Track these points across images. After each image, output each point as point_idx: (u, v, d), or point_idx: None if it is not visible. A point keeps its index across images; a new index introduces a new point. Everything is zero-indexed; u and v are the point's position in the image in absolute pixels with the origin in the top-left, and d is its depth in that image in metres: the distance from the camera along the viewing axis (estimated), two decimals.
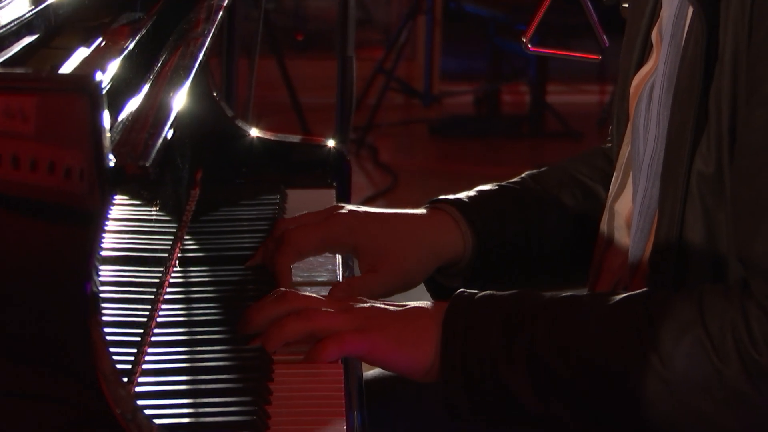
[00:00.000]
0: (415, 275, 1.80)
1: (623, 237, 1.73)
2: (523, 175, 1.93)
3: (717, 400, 1.44)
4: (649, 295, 1.52)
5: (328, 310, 1.56)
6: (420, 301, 1.61)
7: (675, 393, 1.45)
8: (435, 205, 1.85)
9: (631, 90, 1.75)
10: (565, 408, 1.51)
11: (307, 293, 1.64)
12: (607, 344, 1.50)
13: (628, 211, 1.72)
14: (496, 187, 1.90)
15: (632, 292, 1.54)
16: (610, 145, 1.92)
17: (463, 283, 1.81)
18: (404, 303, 1.60)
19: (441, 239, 1.82)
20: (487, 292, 1.56)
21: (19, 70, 1.33)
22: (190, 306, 1.72)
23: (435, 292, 1.86)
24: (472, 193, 1.87)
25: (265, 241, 1.82)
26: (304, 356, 1.53)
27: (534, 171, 1.94)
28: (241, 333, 1.57)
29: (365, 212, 1.82)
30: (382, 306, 1.58)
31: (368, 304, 1.58)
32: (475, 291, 1.56)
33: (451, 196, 1.86)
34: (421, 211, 1.85)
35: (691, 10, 1.55)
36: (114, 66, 1.45)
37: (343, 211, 1.81)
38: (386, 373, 1.80)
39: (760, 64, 1.45)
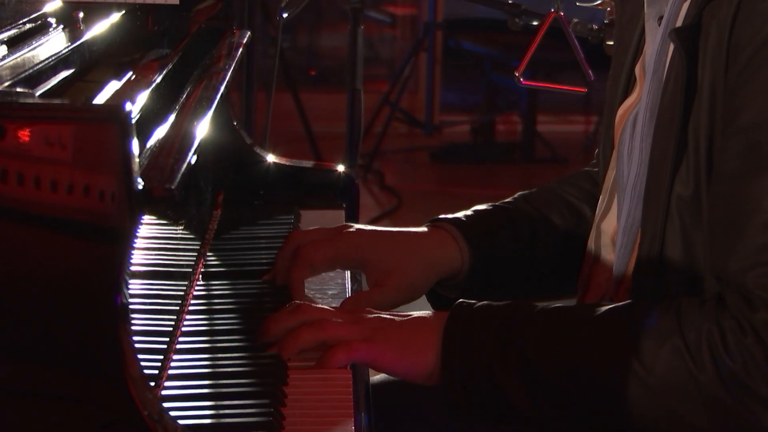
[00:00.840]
0: (417, 289, 1.80)
1: (609, 253, 1.73)
2: (515, 196, 1.93)
3: (695, 404, 1.43)
4: (632, 307, 1.52)
5: (339, 320, 1.56)
6: (421, 310, 1.61)
7: (656, 397, 1.45)
8: (435, 224, 1.85)
9: (617, 119, 1.75)
10: (554, 409, 1.50)
11: (320, 305, 1.64)
12: (593, 352, 1.49)
13: (613, 230, 1.72)
14: (491, 207, 1.89)
15: (616, 304, 1.54)
16: (596, 168, 1.92)
17: (461, 294, 1.80)
18: (408, 313, 1.60)
19: (441, 255, 1.81)
20: (484, 302, 1.56)
21: (56, 101, 1.33)
22: (211, 316, 1.71)
23: (434, 302, 1.86)
24: (468, 212, 1.87)
25: (279, 253, 1.80)
26: (315, 362, 1.53)
27: (525, 192, 1.94)
28: (259, 341, 1.57)
29: (372, 231, 1.82)
30: (388, 317, 1.58)
31: (375, 315, 1.58)
32: (474, 302, 1.56)
33: (450, 216, 1.85)
34: (423, 229, 1.84)
35: (672, 47, 1.55)
36: (143, 97, 1.45)
37: (351, 229, 1.80)
38: (391, 378, 1.79)
39: (735, 98, 1.44)
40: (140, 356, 1.21)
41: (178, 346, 1.56)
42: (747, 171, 1.43)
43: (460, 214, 1.86)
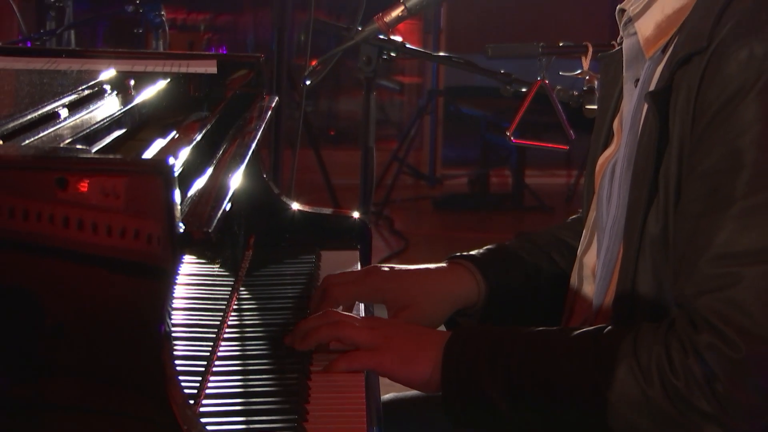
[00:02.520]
0: (435, 321, 1.79)
1: (589, 284, 1.73)
2: (520, 237, 1.93)
3: (646, 417, 1.43)
4: (600, 330, 1.52)
5: (356, 324, 1.57)
6: None
7: (615, 409, 1.44)
8: (455, 260, 1.85)
9: (597, 168, 1.75)
10: (534, 416, 1.51)
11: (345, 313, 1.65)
12: (565, 367, 1.49)
13: (593, 263, 1.71)
14: (502, 246, 1.90)
15: (587, 328, 1.54)
16: (581, 215, 1.92)
17: (477, 322, 1.83)
18: (417, 326, 1.62)
19: (460, 288, 1.81)
20: (482, 325, 1.56)
21: (110, 157, 1.33)
22: (243, 343, 1.71)
23: (452, 327, 1.85)
24: (482, 251, 1.87)
25: (314, 293, 1.81)
26: (323, 367, 1.54)
27: (529, 234, 1.94)
28: (287, 341, 1.59)
29: (394, 272, 1.81)
30: (399, 328, 1.58)
31: (388, 325, 1.59)
32: (470, 326, 1.57)
33: (466, 254, 1.86)
34: (442, 265, 1.84)
35: (646, 106, 1.55)
36: (185, 153, 1.45)
37: (376, 273, 1.81)
38: (400, 395, 1.79)
39: (699, 148, 1.44)
40: (181, 378, 1.20)
41: (215, 369, 1.56)
42: (704, 211, 1.43)
43: (474, 252, 1.86)
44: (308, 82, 2.92)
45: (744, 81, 1.39)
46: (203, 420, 1.29)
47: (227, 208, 1.47)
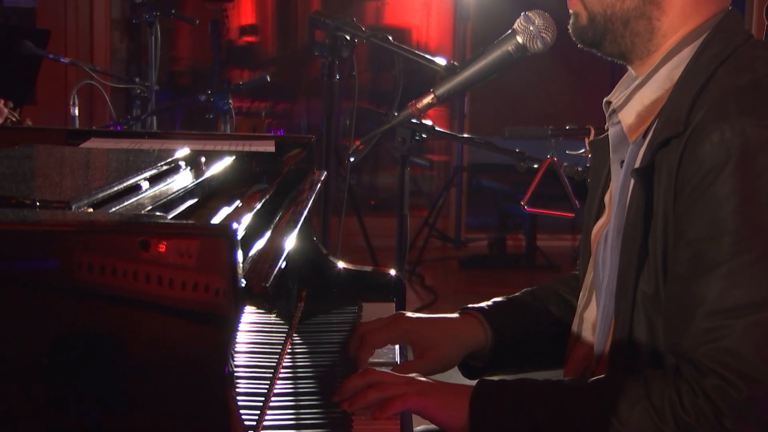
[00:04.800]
0: (450, 361, 1.78)
1: (589, 336, 1.71)
2: (523, 291, 1.92)
3: None
4: (611, 379, 1.50)
5: (396, 382, 1.54)
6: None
7: None
8: (465, 311, 1.84)
9: (592, 236, 1.74)
10: None
11: (381, 370, 1.63)
12: (583, 414, 1.46)
13: (593, 318, 1.70)
14: (506, 299, 1.89)
15: (599, 377, 1.52)
16: (576, 272, 1.91)
17: (485, 365, 1.82)
18: (444, 382, 1.59)
19: (470, 335, 1.80)
20: (501, 378, 1.54)
21: (184, 222, 1.34)
22: (296, 382, 1.70)
23: (463, 369, 1.85)
24: (489, 303, 1.86)
25: (351, 337, 1.79)
26: (376, 409, 1.50)
27: (530, 288, 1.93)
28: (334, 400, 1.55)
29: (418, 318, 1.81)
30: (433, 381, 1.57)
31: (424, 379, 1.57)
32: (493, 378, 1.55)
33: (476, 305, 1.85)
34: (455, 315, 1.84)
35: (632, 182, 1.55)
36: (246, 219, 1.46)
37: (403, 317, 1.80)
38: (431, 427, 1.77)
39: (683, 220, 1.44)
40: (242, 411, 1.19)
41: (271, 404, 1.55)
42: (693, 274, 1.42)
43: (483, 304, 1.85)
44: (352, 159, 2.93)
45: (717, 159, 1.39)
46: None
47: (283, 266, 1.47)
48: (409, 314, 1.81)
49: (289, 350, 1.82)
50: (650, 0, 1.56)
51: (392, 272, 2.24)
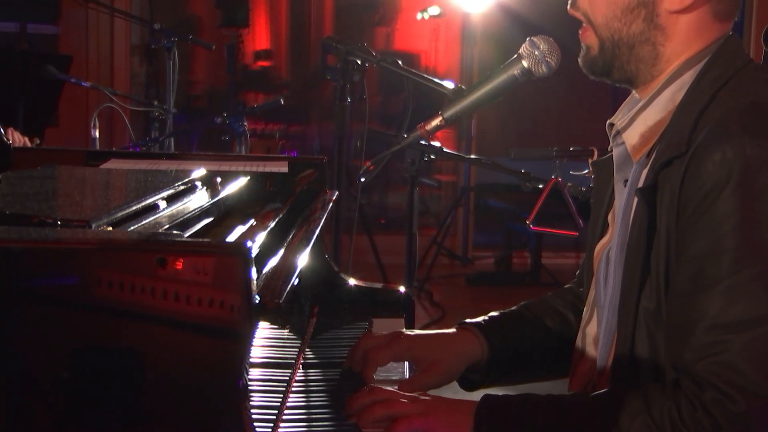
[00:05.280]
0: (452, 374, 1.77)
1: (592, 351, 1.70)
2: (519, 305, 1.91)
3: None
4: (612, 393, 1.49)
5: (402, 399, 1.54)
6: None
7: None
8: (462, 326, 1.83)
9: (595, 254, 1.73)
10: None
11: (387, 388, 1.62)
12: (585, 427, 1.45)
13: (594, 333, 1.69)
14: (502, 314, 1.88)
15: (601, 391, 1.51)
16: (576, 285, 1.92)
17: (483, 377, 1.81)
18: (448, 398, 1.59)
19: (467, 349, 1.79)
20: (504, 394, 1.53)
21: (200, 240, 1.34)
22: (308, 395, 1.69)
23: (462, 382, 1.83)
24: (486, 317, 1.86)
25: (353, 348, 1.78)
26: (384, 430, 1.49)
27: (526, 302, 1.92)
28: (343, 413, 1.55)
29: (418, 335, 1.80)
30: (438, 398, 1.56)
31: (428, 397, 1.56)
32: (497, 394, 1.54)
33: (472, 320, 1.84)
34: (453, 330, 1.83)
35: (636, 201, 1.54)
36: (260, 238, 1.46)
37: (403, 335, 1.79)
38: None
39: (685, 237, 1.43)
40: (255, 425, 1.19)
41: (284, 417, 1.54)
42: (694, 289, 1.41)
43: (479, 319, 1.84)
44: (363, 180, 2.93)
45: (719, 179, 1.39)
46: None
47: (295, 283, 1.47)
48: (408, 332, 1.81)
49: (301, 364, 1.81)
50: (655, 25, 1.56)
51: (402, 289, 2.24)
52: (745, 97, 1.46)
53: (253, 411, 1.21)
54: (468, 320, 1.84)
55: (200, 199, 1.73)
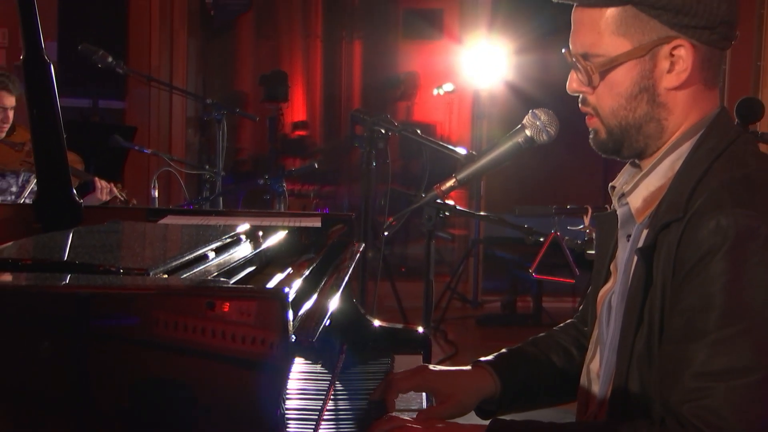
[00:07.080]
0: (467, 407, 1.76)
1: (595, 385, 1.68)
2: (527, 341, 1.90)
3: None
4: (608, 423, 1.47)
5: (417, 426, 1.52)
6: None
7: None
8: (477, 364, 1.82)
9: (599, 298, 1.72)
10: None
11: (404, 417, 1.61)
12: None
13: (597, 369, 1.67)
14: (512, 351, 1.87)
15: (598, 420, 1.49)
16: (577, 321, 1.91)
17: (495, 407, 1.79)
18: (459, 423, 1.57)
19: (482, 385, 1.78)
20: (510, 419, 1.51)
21: (244, 287, 1.35)
22: (338, 424, 1.68)
23: (478, 412, 1.82)
24: (497, 355, 1.85)
25: (381, 383, 1.78)
26: None
27: (533, 337, 1.91)
28: None
29: (439, 370, 1.79)
30: (450, 424, 1.54)
31: (441, 424, 1.54)
32: (503, 418, 1.52)
33: (485, 358, 1.83)
34: (468, 367, 1.82)
35: (636, 258, 1.53)
36: (296, 284, 1.46)
37: (425, 370, 1.78)
38: None
39: (679, 292, 1.42)
40: None
41: None
42: (684, 339, 1.40)
43: (491, 357, 1.83)
44: (386, 233, 2.93)
45: (713, 244, 1.37)
46: None
47: (327, 324, 1.46)
48: (431, 367, 1.80)
49: (332, 396, 1.80)
50: (658, 104, 1.54)
51: (420, 329, 2.23)
52: (738, 169, 1.45)
53: None
54: (482, 359, 1.83)
55: (244, 250, 1.74)
